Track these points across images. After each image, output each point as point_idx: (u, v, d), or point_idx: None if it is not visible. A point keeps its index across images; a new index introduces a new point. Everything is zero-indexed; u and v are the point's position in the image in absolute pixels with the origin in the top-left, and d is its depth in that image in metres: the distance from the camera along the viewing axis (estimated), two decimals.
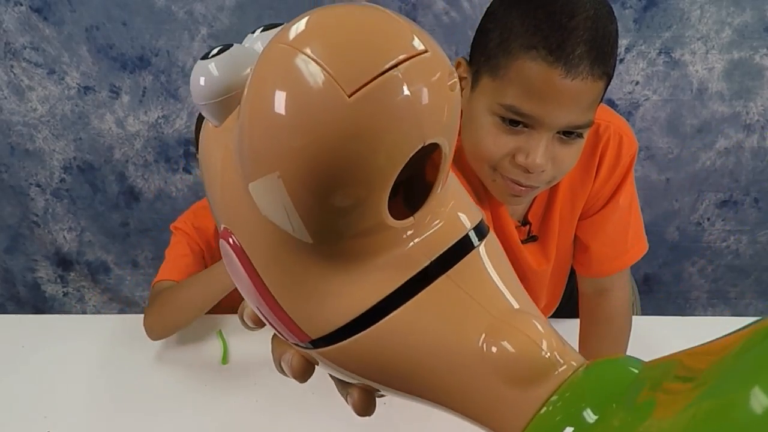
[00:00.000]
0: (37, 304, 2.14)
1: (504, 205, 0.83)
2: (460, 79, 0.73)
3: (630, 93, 1.75)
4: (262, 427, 0.94)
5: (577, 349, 0.72)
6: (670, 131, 1.80)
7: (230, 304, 1.24)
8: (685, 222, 1.91)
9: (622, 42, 1.69)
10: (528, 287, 0.80)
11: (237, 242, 0.24)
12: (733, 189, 1.86)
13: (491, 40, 0.67)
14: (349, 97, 0.20)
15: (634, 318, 1.32)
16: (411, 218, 0.24)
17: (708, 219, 1.91)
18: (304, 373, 0.27)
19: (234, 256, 0.25)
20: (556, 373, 0.22)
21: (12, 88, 1.82)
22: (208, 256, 1.28)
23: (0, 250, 2.06)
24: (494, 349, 0.23)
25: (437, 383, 0.24)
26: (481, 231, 0.26)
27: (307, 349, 0.26)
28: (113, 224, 2.00)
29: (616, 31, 0.67)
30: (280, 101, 0.21)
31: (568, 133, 0.69)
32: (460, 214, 0.26)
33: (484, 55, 0.69)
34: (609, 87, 1.37)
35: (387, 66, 0.21)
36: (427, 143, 0.22)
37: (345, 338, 0.24)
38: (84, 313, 2.14)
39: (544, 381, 0.22)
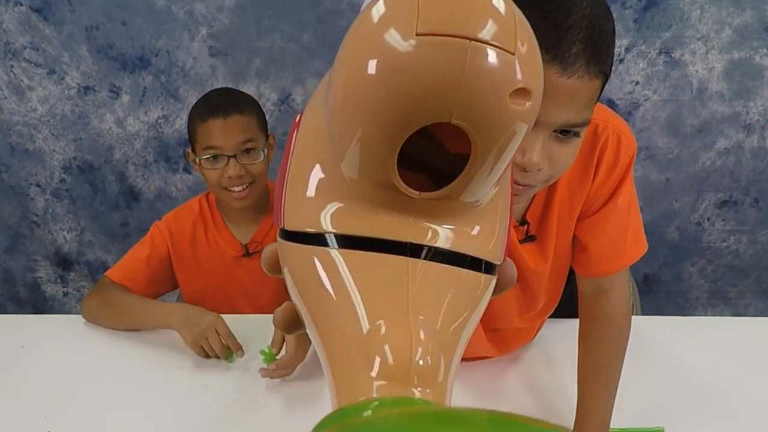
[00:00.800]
0: (37, 304, 2.14)
1: None
2: None
3: (630, 93, 1.75)
4: (262, 427, 0.94)
5: (577, 349, 0.71)
6: (670, 131, 1.80)
7: (229, 304, 1.24)
8: (685, 222, 1.91)
9: (623, 42, 1.69)
10: (526, 287, 0.79)
11: (296, 127, 0.27)
12: (733, 189, 1.86)
13: None
14: (417, 35, 0.21)
15: (634, 318, 1.32)
16: (416, 192, 0.24)
17: (708, 219, 1.91)
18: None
19: (290, 134, 0.27)
20: (406, 384, 0.23)
21: (12, 88, 1.82)
22: (175, 259, 1.28)
23: (0, 250, 2.06)
24: (382, 331, 0.23)
25: (321, 326, 0.25)
26: (482, 266, 0.25)
27: (279, 237, 0.27)
28: (113, 224, 2.00)
29: (613, 30, 0.67)
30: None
31: (565, 132, 0.69)
32: (474, 234, 0.25)
33: None
34: (609, 87, 1.37)
35: (468, 34, 0.21)
36: (452, 121, 0.21)
37: (292, 241, 0.26)
38: None
39: (391, 382, 0.22)
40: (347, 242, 0.24)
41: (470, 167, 0.23)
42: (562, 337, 1.13)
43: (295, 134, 0.27)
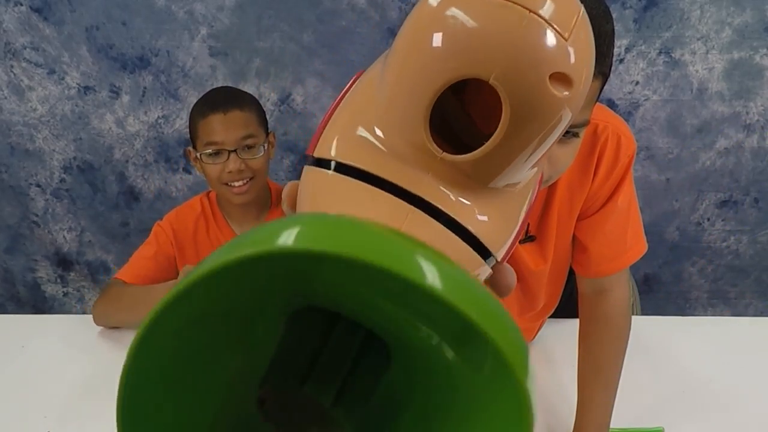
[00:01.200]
0: (37, 304, 2.14)
1: None
2: None
3: (630, 93, 1.75)
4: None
5: (577, 350, 0.71)
6: (670, 131, 1.80)
7: None
8: (685, 222, 1.91)
9: (622, 42, 1.69)
10: (526, 287, 0.79)
11: (357, 77, 0.29)
12: (733, 189, 1.86)
13: None
14: None
15: (634, 318, 1.32)
16: (439, 150, 0.24)
17: (708, 219, 1.91)
18: (291, 198, 0.29)
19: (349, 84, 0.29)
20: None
21: (12, 88, 1.82)
22: (179, 258, 1.28)
23: (0, 250, 2.06)
24: None
25: None
26: (479, 248, 0.25)
27: (308, 162, 0.28)
28: (113, 224, 2.00)
29: (612, 31, 0.68)
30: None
31: (565, 132, 0.67)
32: (483, 219, 0.25)
33: None
34: (609, 87, 1.38)
35: (530, 6, 0.22)
36: (490, 81, 0.22)
37: (318, 167, 0.26)
38: (84, 313, 2.14)
39: None
40: (355, 173, 0.25)
41: (495, 137, 0.23)
42: (562, 337, 1.13)
43: (350, 86, 0.28)
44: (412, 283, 0.16)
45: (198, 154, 1.21)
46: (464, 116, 0.26)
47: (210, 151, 1.18)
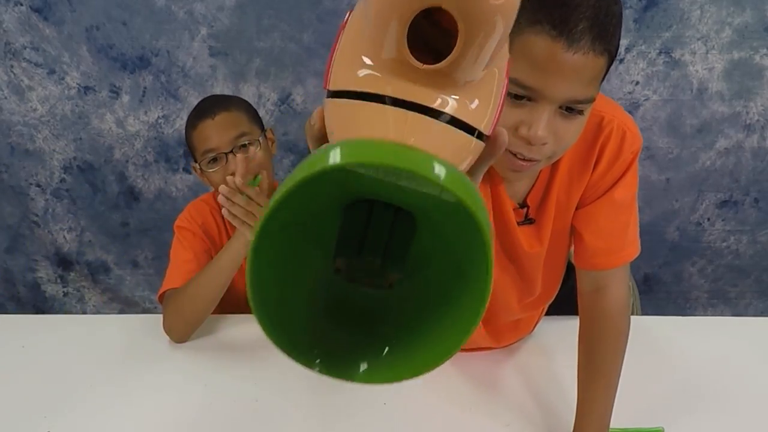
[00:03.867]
0: (37, 304, 2.14)
1: (503, 185, 0.85)
2: None
3: (630, 93, 1.75)
4: (262, 427, 0.94)
5: (577, 348, 0.71)
6: (670, 131, 1.80)
7: (234, 302, 1.24)
8: (685, 222, 1.91)
9: (622, 42, 1.69)
10: (522, 269, 0.80)
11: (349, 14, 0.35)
12: (733, 189, 1.86)
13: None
14: None
15: (634, 318, 1.32)
16: (420, 64, 0.30)
17: (708, 219, 1.91)
18: (320, 120, 0.36)
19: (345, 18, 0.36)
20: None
21: (12, 88, 1.82)
22: (213, 251, 1.27)
23: (0, 250, 2.06)
24: None
25: None
26: (474, 132, 0.32)
27: (325, 97, 0.35)
28: (113, 224, 2.00)
29: (620, 12, 0.68)
30: None
31: (570, 109, 0.70)
32: (472, 106, 0.32)
33: None
34: (609, 87, 1.39)
35: None
36: (443, 6, 0.27)
37: (334, 98, 0.33)
38: (84, 313, 2.14)
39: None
40: (361, 96, 0.32)
41: (457, 49, 0.29)
42: (562, 336, 1.13)
43: (344, 24, 0.34)
44: (421, 175, 0.26)
45: (200, 166, 1.21)
46: (436, 33, 0.32)
47: (208, 158, 1.18)
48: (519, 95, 0.69)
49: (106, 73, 1.79)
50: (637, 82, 1.74)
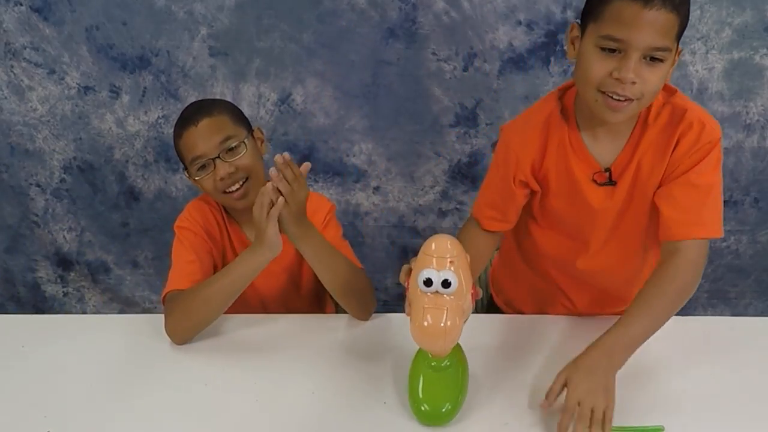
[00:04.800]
0: (37, 304, 2.14)
1: (589, 153, 1.05)
2: (573, 39, 1.00)
3: None
4: (263, 427, 0.94)
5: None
6: None
7: (240, 303, 1.24)
8: None
9: None
10: (587, 223, 1.01)
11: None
12: (733, 189, 1.86)
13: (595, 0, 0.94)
14: None
15: None
16: None
17: None
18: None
19: None
20: None
21: (12, 88, 1.82)
22: (215, 251, 1.27)
23: (0, 250, 2.06)
24: None
25: None
26: None
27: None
28: (113, 224, 2.00)
29: None
30: None
31: (652, 59, 0.91)
32: None
33: (588, 11, 0.96)
34: None
35: None
36: None
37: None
38: (84, 313, 2.14)
39: None
40: None
41: None
42: (561, 335, 1.13)
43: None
44: None
45: (189, 174, 1.21)
46: None
47: (197, 166, 1.18)
48: (612, 48, 0.91)
49: (106, 73, 1.79)
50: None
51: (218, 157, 1.16)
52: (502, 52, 1.72)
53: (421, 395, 0.91)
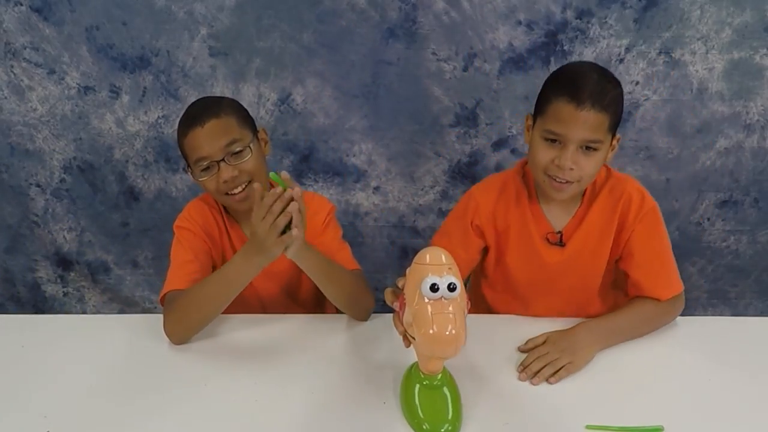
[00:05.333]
0: (37, 304, 2.14)
1: (546, 219, 1.23)
2: (528, 126, 1.17)
3: (630, 93, 1.75)
4: (263, 427, 0.94)
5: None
6: (670, 131, 1.80)
7: (240, 303, 1.24)
8: (685, 222, 1.91)
9: (623, 42, 1.70)
10: (542, 280, 1.13)
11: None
12: (733, 189, 1.86)
13: (541, 98, 1.13)
14: None
15: None
16: None
17: (708, 219, 1.91)
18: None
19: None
20: None
21: (12, 88, 1.82)
22: (214, 251, 1.27)
23: (0, 250, 2.06)
24: None
25: None
26: None
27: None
28: (113, 224, 2.00)
29: (620, 92, 1.11)
30: None
31: (588, 147, 1.09)
32: None
33: (537, 106, 1.14)
34: None
35: None
36: None
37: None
38: (84, 313, 2.14)
39: None
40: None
41: None
42: None
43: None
44: None
45: (192, 172, 1.21)
46: None
47: (201, 167, 1.17)
48: (553, 139, 1.10)
49: (106, 73, 1.79)
50: (637, 82, 1.74)
51: (223, 160, 1.16)
52: (502, 52, 1.72)
53: (422, 415, 0.91)
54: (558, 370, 1.01)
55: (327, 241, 1.27)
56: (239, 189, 1.19)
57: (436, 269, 0.84)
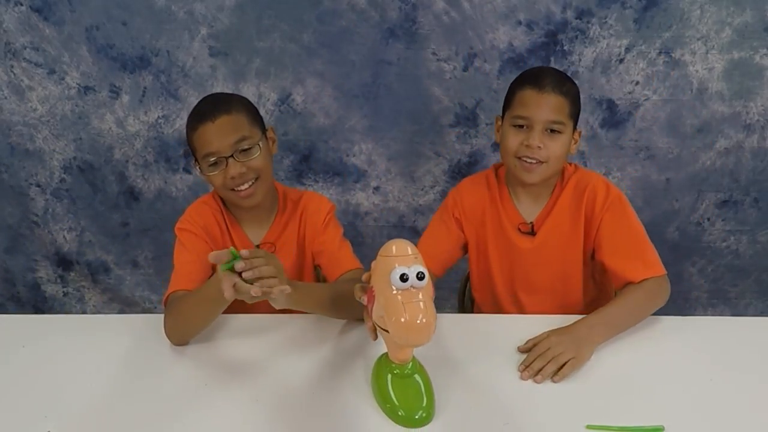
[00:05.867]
0: (37, 304, 2.14)
1: (517, 210, 1.32)
2: (498, 127, 1.29)
3: (630, 93, 1.75)
4: (262, 427, 0.94)
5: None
6: (670, 131, 1.80)
7: (239, 307, 1.24)
8: (685, 222, 1.91)
9: (623, 42, 1.70)
10: (519, 272, 1.36)
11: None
12: (733, 189, 1.86)
13: (507, 96, 1.27)
14: None
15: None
16: None
17: (708, 219, 1.91)
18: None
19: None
20: None
21: (12, 88, 1.82)
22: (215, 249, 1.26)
23: (0, 250, 2.06)
24: None
25: None
26: None
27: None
28: (113, 224, 2.00)
29: (576, 89, 1.24)
30: None
31: (552, 131, 1.20)
32: None
33: (505, 103, 1.27)
34: (609, 87, 1.54)
35: None
36: None
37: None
38: (84, 313, 2.14)
39: None
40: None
41: None
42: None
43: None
44: None
45: (199, 167, 1.21)
46: None
47: (209, 162, 1.17)
48: (520, 125, 1.22)
49: (106, 73, 1.79)
50: (637, 82, 1.74)
51: (232, 156, 1.16)
52: (502, 52, 1.72)
53: (397, 402, 0.92)
54: (561, 367, 1.01)
55: (328, 240, 1.27)
56: (245, 186, 1.19)
57: (403, 260, 0.85)
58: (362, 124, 1.83)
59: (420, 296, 0.84)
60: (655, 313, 1.18)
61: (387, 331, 0.86)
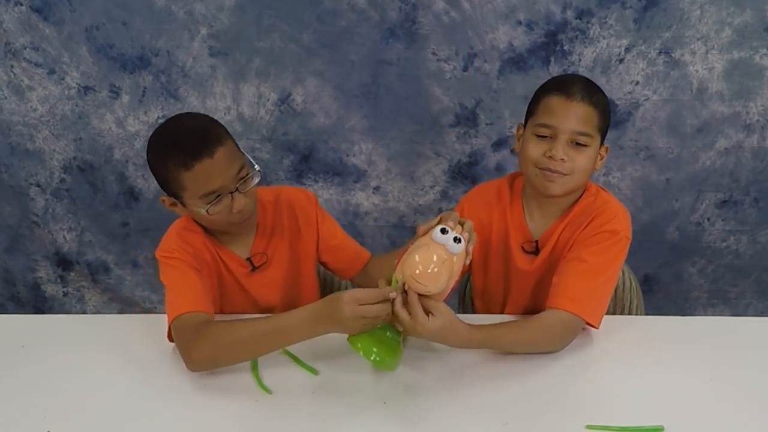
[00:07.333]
0: (37, 304, 2.14)
1: (527, 227, 1.24)
2: (519, 136, 1.20)
3: (630, 93, 1.75)
4: (263, 427, 0.94)
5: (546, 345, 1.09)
6: (670, 131, 1.80)
7: (239, 305, 1.23)
8: (685, 222, 1.91)
9: (622, 42, 1.70)
10: (512, 285, 1.14)
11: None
12: (733, 189, 1.86)
13: (532, 103, 1.18)
14: None
15: (635, 318, 1.32)
16: None
17: (708, 219, 1.91)
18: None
19: None
20: None
21: (12, 88, 1.82)
22: (209, 277, 1.18)
23: (0, 250, 2.06)
24: None
25: None
26: None
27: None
28: (113, 224, 2.00)
29: (607, 99, 1.16)
30: None
31: (578, 143, 1.12)
32: None
33: (528, 111, 1.19)
34: (609, 87, 1.51)
35: None
36: None
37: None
38: (84, 313, 2.14)
39: None
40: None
41: None
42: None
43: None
44: None
45: (184, 204, 1.10)
46: None
47: (209, 199, 1.06)
48: (544, 135, 1.13)
49: (106, 73, 1.79)
50: (637, 82, 1.74)
51: (237, 189, 1.06)
52: (502, 52, 1.72)
53: (375, 349, 0.94)
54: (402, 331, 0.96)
55: (332, 230, 1.27)
56: (248, 215, 1.12)
57: (454, 227, 0.93)
58: (362, 124, 1.83)
59: (444, 254, 0.90)
60: (656, 314, 1.18)
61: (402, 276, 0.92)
